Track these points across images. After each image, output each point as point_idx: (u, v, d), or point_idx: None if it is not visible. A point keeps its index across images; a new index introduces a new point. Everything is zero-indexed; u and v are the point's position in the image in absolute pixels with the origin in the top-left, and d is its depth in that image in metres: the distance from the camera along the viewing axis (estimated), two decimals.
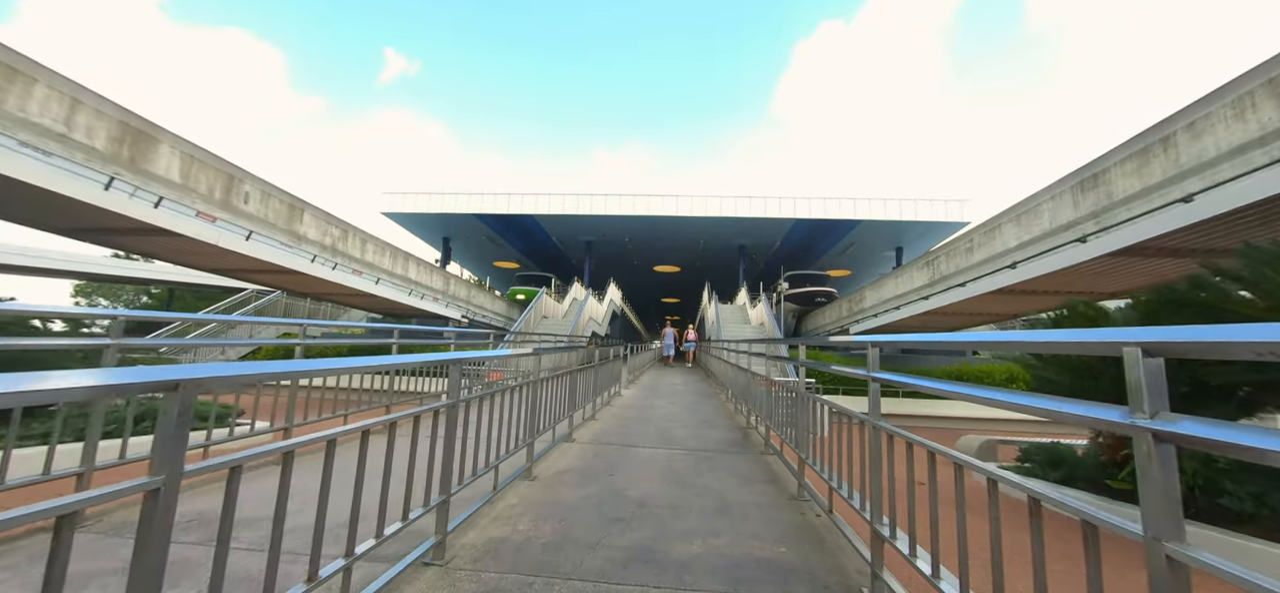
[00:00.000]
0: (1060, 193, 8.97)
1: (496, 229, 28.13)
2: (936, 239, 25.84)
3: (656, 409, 7.78)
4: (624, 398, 9.19)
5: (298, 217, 11.63)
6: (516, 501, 3.31)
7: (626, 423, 6.41)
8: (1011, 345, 1.64)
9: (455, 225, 28.01)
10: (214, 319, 5.36)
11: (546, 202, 25.25)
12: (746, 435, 5.91)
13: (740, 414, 7.45)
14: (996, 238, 10.65)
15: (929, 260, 13.50)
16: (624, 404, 8.23)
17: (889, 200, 23.80)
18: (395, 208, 26.01)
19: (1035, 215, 9.60)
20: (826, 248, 28.77)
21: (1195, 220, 6.63)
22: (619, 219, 25.15)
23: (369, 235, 14.19)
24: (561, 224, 26.58)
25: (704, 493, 3.64)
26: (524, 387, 3.90)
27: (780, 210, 24.08)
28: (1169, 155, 7.07)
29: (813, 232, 26.12)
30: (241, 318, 8.46)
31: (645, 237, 27.68)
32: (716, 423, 6.74)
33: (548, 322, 19.01)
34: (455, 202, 25.72)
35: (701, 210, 24.40)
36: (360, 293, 13.95)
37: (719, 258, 30.10)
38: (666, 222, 25.13)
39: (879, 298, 16.63)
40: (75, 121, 7.49)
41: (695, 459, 4.61)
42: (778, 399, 4.91)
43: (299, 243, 11.69)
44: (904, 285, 14.83)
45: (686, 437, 5.64)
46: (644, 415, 7.11)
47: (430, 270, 17.73)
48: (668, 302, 49.66)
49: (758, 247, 28.47)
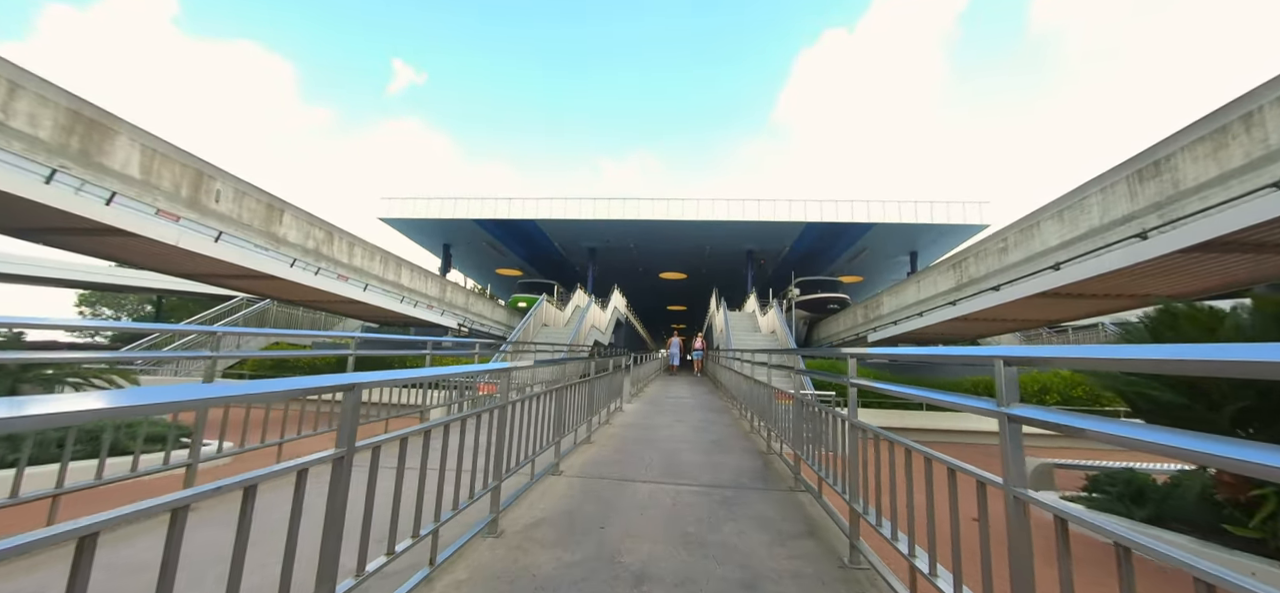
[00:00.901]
0: (1113, 184, 8.01)
1: (497, 235, 27.37)
2: (953, 244, 24.81)
3: (661, 429, 6.86)
4: (626, 414, 8.28)
5: (276, 217, 10.85)
6: (466, 574, 2.40)
7: (625, 448, 5.49)
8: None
9: (455, 232, 27.29)
10: (194, 330, 4.82)
11: (547, 206, 24.45)
12: (768, 463, 4.97)
13: (758, 434, 6.51)
14: (1035, 237, 9.69)
15: (956, 263, 12.52)
16: (625, 422, 7.32)
17: (904, 203, 22.83)
18: (393, 213, 25.31)
19: (1082, 210, 8.64)
20: (837, 253, 27.79)
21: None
22: (622, 224, 24.32)
23: (357, 239, 13.40)
24: (563, 229, 25.78)
25: (724, 557, 2.72)
26: (493, 411, 3.03)
27: (791, 213, 23.14)
28: (1253, 136, 6.11)
29: (824, 236, 25.16)
30: (224, 329, 7.67)
31: (649, 242, 26.83)
32: (731, 445, 5.81)
33: (548, 330, 18.15)
34: (454, 207, 24.98)
35: (708, 214, 23.51)
36: (347, 300, 13.14)
37: (726, 263, 29.18)
38: (671, 226, 24.26)
39: (899, 304, 15.63)
40: (14, 108, 6.72)
41: (709, 501, 3.69)
42: (803, 418, 3.99)
43: (277, 246, 10.90)
44: (927, 290, 13.84)
45: (697, 466, 4.71)
46: (647, 436, 6.20)
47: (425, 277, 16.92)
48: (674, 309, 48.71)
49: (766, 252, 27.53)
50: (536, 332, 17.45)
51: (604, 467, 4.59)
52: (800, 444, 4.05)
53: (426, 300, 16.77)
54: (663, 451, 5.39)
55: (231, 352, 16.98)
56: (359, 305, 13.67)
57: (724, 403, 10.72)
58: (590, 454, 5.07)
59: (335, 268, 12.52)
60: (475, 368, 3.48)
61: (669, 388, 14.57)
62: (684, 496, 3.81)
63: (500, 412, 3.08)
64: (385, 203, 25.39)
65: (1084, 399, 13.88)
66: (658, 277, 33.70)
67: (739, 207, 23.47)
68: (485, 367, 3.55)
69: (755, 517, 3.38)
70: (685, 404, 10.15)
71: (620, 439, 5.95)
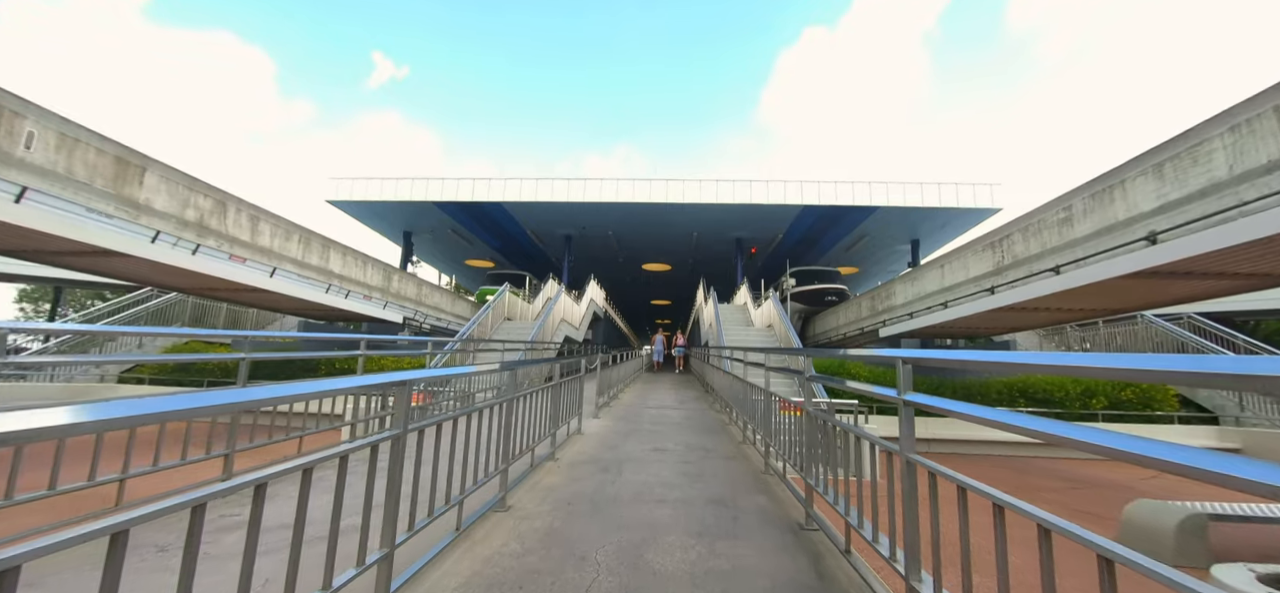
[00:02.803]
0: (1253, 119, 5.88)
1: (462, 221, 24.74)
2: (960, 229, 22.92)
3: (630, 472, 4.51)
4: (587, 437, 5.93)
5: (133, 177, 8.25)
6: None
7: (561, 529, 3.14)
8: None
9: (417, 218, 24.60)
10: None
11: (517, 188, 21.90)
12: (814, 556, 2.68)
13: (771, 474, 4.23)
14: (1116, 201, 7.56)
15: (993, 242, 10.40)
16: (580, 456, 4.98)
17: (909, 185, 20.78)
18: (343, 194, 22.55)
19: (1194, 161, 6.51)
20: (833, 242, 25.74)
21: None
22: (600, 207, 21.89)
23: (263, 212, 10.80)
24: (535, 215, 23.25)
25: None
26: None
27: (786, 196, 20.94)
28: None
29: (819, 222, 23.04)
30: (106, 328, 7.26)
31: (631, 230, 24.46)
32: (741, 506, 3.49)
33: (511, 326, 15.72)
34: (412, 188, 22.29)
35: (696, 196, 21.19)
36: (248, 288, 10.55)
37: (713, 253, 26.96)
38: (655, 211, 21.90)
39: (916, 294, 13.52)
40: None
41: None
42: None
43: (136, 215, 8.32)
44: (955, 275, 11.72)
45: (687, 573, 2.40)
46: (605, 490, 3.86)
47: (363, 262, 14.34)
48: (658, 304, 46.45)
49: (758, 240, 25.34)
50: (496, 328, 15.03)
51: (520, 580, 2.26)
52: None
53: (364, 290, 14.20)
54: (625, 530, 3.06)
55: (129, 354, 14.26)
56: (266, 295, 11.07)
57: (718, 416, 8.44)
58: (500, 542, 2.73)
59: (229, 246, 9.93)
60: (345, 383, 1.34)
61: (650, 393, 12.25)
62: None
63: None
64: (334, 183, 22.60)
65: (1134, 402, 11.98)
66: (640, 268, 31.37)
67: (729, 188, 21.20)
68: (352, 383, 1.56)
69: None
70: (669, 419, 7.84)
71: (560, 502, 3.60)
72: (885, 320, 15.32)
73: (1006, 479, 9.12)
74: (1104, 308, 10.33)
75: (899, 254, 27.35)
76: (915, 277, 13.81)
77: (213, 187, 9.67)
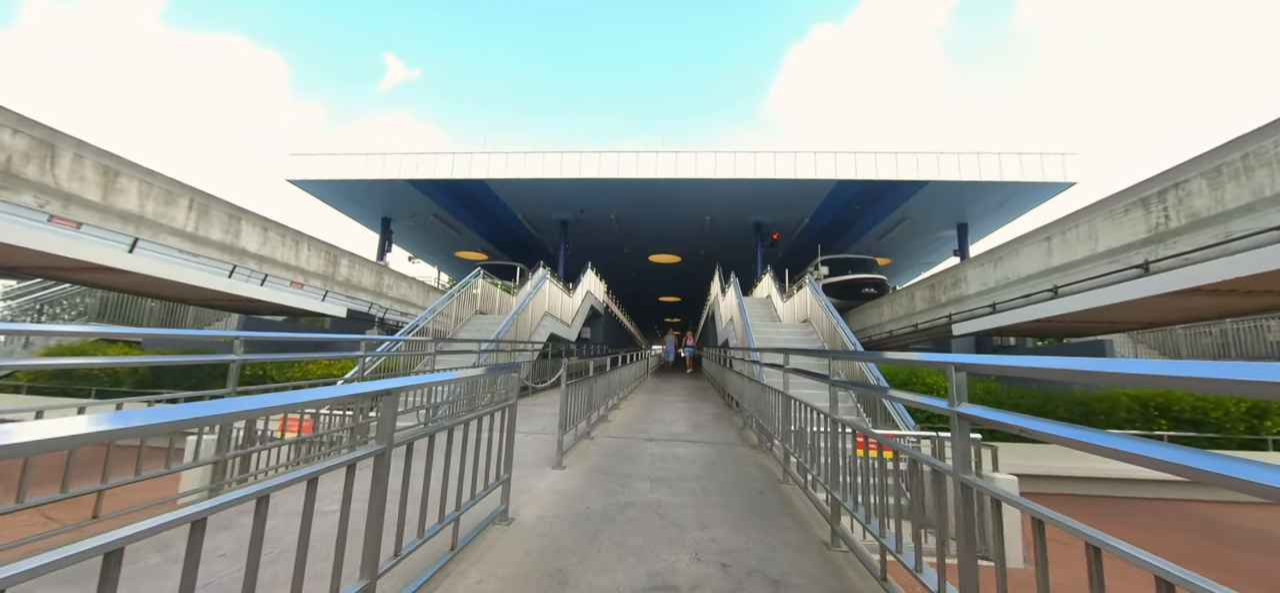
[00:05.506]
0: None
1: (443, 204, 21.85)
2: (1019, 210, 19.67)
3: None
4: (520, 528, 2.90)
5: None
6: None
7: None
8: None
9: (395, 201, 21.76)
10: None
11: (502, 163, 18.94)
12: None
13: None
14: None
15: (1145, 198, 7.23)
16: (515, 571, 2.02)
17: (964, 154, 17.55)
18: (304, 173, 19.74)
19: None
20: (868, 226, 22.50)
21: None
22: (601, 186, 18.90)
23: (127, 163, 7.92)
24: (526, 195, 20.28)
25: None
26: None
27: (817, 170, 17.78)
28: None
29: (855, 201, 19.82)
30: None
31: (636, 214, 21.43)
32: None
33: (486, 320, 12.80)
34: (384, 165, 19.43)
35: (710, 171, 18.12)
36: (94, 267, 7.64)
37: (728, 239, 23.84)
38: (663, 188, 18.85)
39: (1002, 278, 10.36)
40: None
41: None
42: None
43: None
44: (1073, 251, 8.55)
45: None
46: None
47: (295, 241, 11.43)
48: (666, 301, 43.37)
49: (780, 225, 22.17)
50: (466, 324, 12.11)
51: None
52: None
53: (296, 275, 11.30)
54: None
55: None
56: (126, 276, 8.17)
57: (756, 452, 5.36)
58: None
59: (62, 208, 7.04)
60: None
61: (654, 406, 9.16)
62: None
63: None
64: (295, 160, 19.79)
65: (1219, 418, 8.79)
66: (646, 260, 28.35)
67: (750, 161, 18.07)
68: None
69: None
70: (679, 463, 4.76)
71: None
72: (952, 316, 12.16)
73: (1174, 544, 6.02)
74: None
75: (939, 242, 24.10)
76: (1001, 258, 10.62)
77: (31, 119, 6.79)
